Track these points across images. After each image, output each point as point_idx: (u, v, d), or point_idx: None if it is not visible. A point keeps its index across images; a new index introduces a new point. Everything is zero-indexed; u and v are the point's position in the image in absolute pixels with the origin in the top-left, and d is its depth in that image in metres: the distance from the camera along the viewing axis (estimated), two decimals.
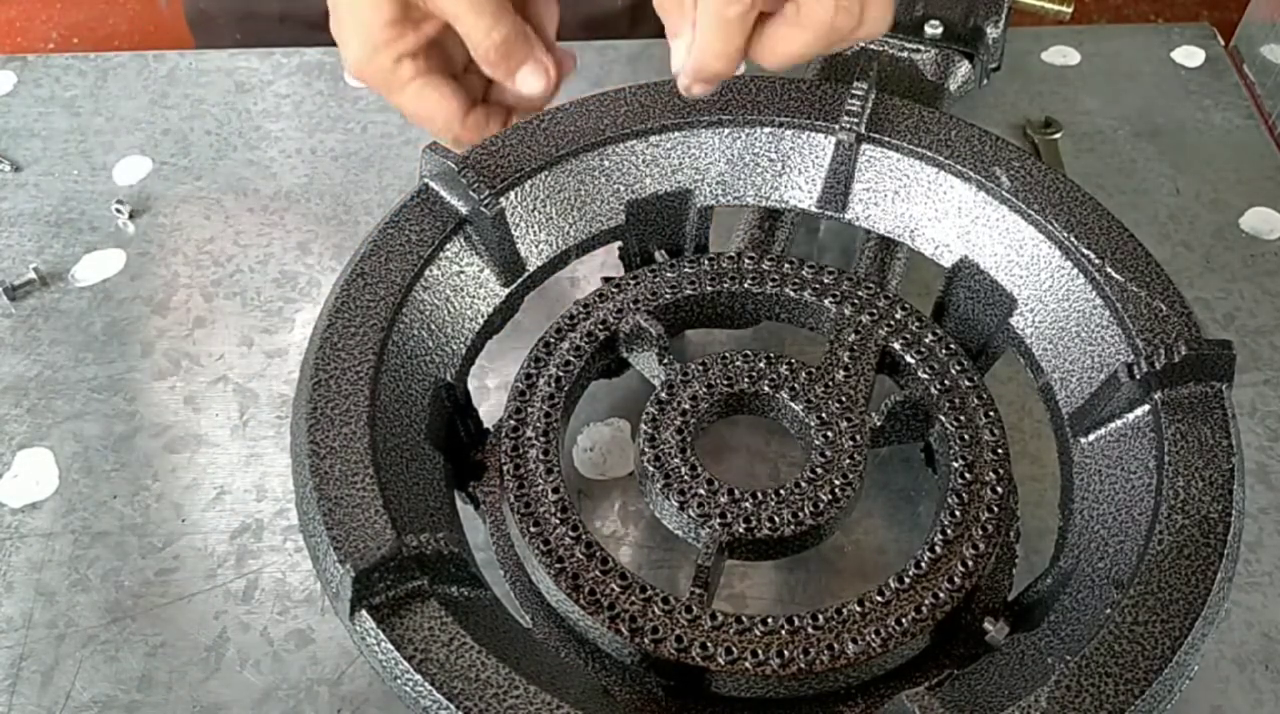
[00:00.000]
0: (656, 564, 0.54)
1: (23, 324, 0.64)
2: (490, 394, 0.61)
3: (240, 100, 0.77)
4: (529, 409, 0.50)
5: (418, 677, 0.39)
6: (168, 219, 0.70)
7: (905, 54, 0.63)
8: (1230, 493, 0.44)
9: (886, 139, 0.54)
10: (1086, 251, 0.50)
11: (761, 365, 0.51)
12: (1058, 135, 0.74)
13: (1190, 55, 0.79)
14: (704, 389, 0.50)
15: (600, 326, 0.52)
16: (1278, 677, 0.51)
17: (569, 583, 0.44)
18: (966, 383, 0.51)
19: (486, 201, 0.50)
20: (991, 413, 0.50)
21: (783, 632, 0.43)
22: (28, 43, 2.00)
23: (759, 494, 0.47)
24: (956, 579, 0.45)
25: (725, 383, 0.50)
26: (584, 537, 0.46)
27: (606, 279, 0.56)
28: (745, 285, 0.54)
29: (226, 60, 0.79)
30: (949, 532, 0.46)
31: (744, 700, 0.44)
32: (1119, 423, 0.47)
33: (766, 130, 0.56)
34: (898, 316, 0.53)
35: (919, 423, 0.51)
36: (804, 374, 0.51)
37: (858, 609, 0.44)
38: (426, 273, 0.50)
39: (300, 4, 0.84)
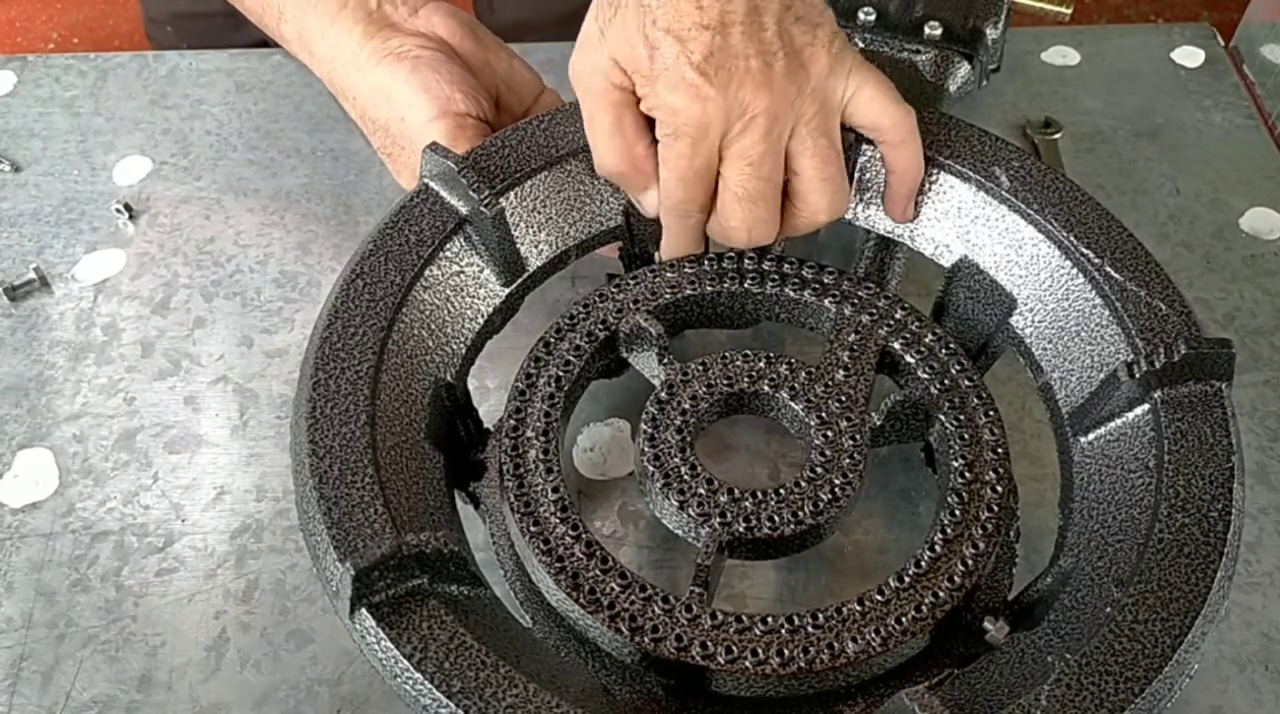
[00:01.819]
0: (656, 564, 0.54)
1: (23, 324, 0.64)
2: (490, 394, 0.61)
3: (240, 100, 0.77)
4: (529, 409, 0.50)
5: (417, 675, 0.39)
6: (168, 219, 0.70)
7: (905, 55, 0.63)
8: (1230, 492, 0.44)
9: None
10: (1086, 251, 0.50)
11: (761, 365, 0.51)
12: (1058, 135, 0.74)
13: (1190, 55, 0.79)
14: (704, 389, 0.50)
15: (600, 326, 0.52)
16: (1278, 677, 0.51)
17: (569, 582, 0.44)
18: (966, 383, 0.51)
19: (486, 201, 0.50)
20: (991, 412, 0.50)
21: (783, 631, 0.43)
22: (28, 43, 2.00)
23: (759, 494, 0.47)
24: (956, 578, 0.45)
25: (725, 383, 0.50)
26: (584, 536, 0.46)
27: (611, 276, 0.56)
28: (745, 285, 0.54)
29: (227, 60, 0.79)
30: (949, 531, 0.46)
31: (744, 700, 0.44)
32: (1119, 422, 0.47)
33: None
34: (897, 316, 0.53)
35: (919, 423, 0.51)
36: (804, 374, 0.51)
37: (858, 608, 0.44)
38: (426, 273, 0.50)
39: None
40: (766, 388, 0.50)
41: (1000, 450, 0.49)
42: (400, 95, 0.58)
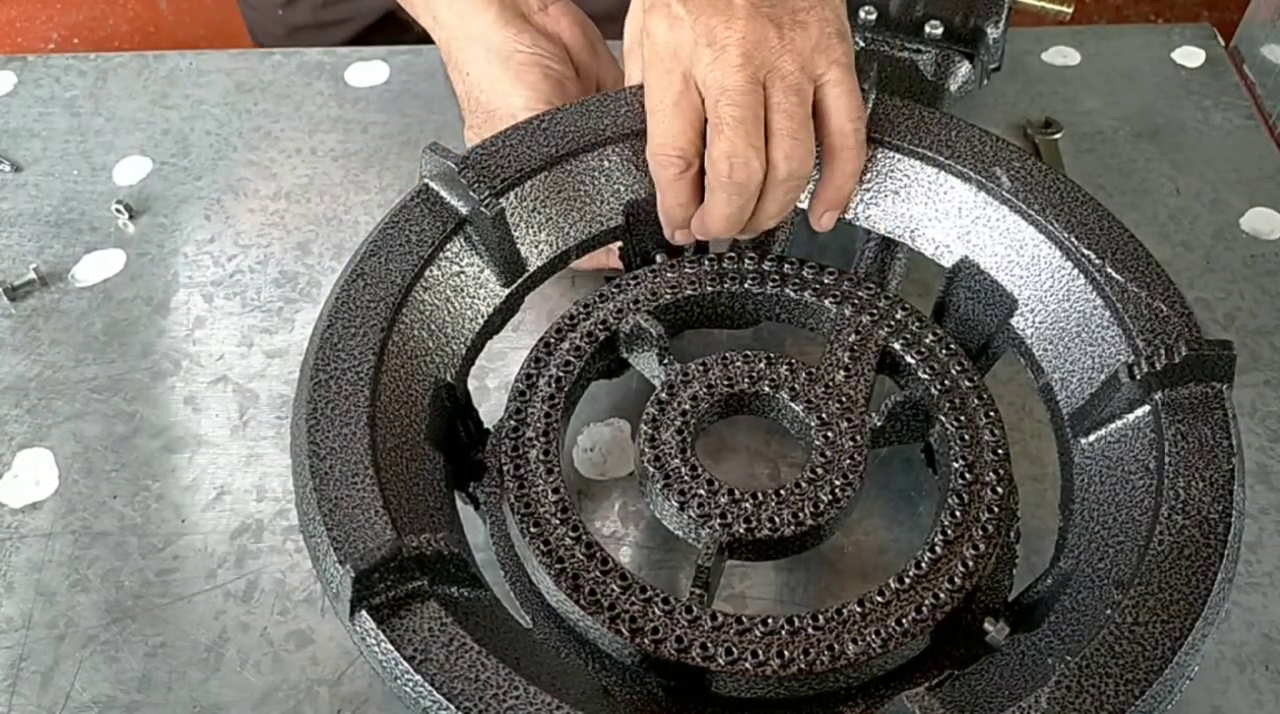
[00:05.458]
0: (656, 564, 0.54)
1: (23, 324, 0.64)
2: (490, 394, 0.61)
3: (240, 100, 0.76)
4: (529, 409, 0.50)
5: (418, 677, 0.39)
6: (168, 219, 0.70)
7: (905, 54, 0.63)
8: (1230, 493, 0.44)
9: (887, 139, 0.54)
10: (1087, 252, 0.50)
11: (761, 366, 0.51)
12: (1058, 135, 0.74)
13: (1190, 55, 0.79)
14: (704, 389, 0.50)
15: (600, 327, 0.52)
16: (1278, 677, 0.51)
17: (569, 583, 0.44)
18: (967, 383, 0.51)
19: (486, 201, 0.49)
20: (992, 413, 0.50)
21: (783, 632, 0.43)
22: (28, 43, 1.99)
23: (759, 494, 0.47)
24: (957, 579, 0.45)
25: (725, 383, 0.50)
26: (584, 537, 0.46)
27: (608, 278, 0.55)
28: (745, 285, 0.54)
29: (226, 60, 0.79)
30: (949, 532, 0.46)
31: (744, 701, 0.44)
32: (1119, 423, 0.47)
33: None
34: (898, 317, 0.53)
35: (919, 423, 0.51)
36: (804, 374, 0.51)
37: (858, 610, 0.44)
38: (426, 273, 0.50)
39: None
40: (767, 389, 0.50)
41: (1001, 451, 0.49)
42: (519, 101, 0.60)
